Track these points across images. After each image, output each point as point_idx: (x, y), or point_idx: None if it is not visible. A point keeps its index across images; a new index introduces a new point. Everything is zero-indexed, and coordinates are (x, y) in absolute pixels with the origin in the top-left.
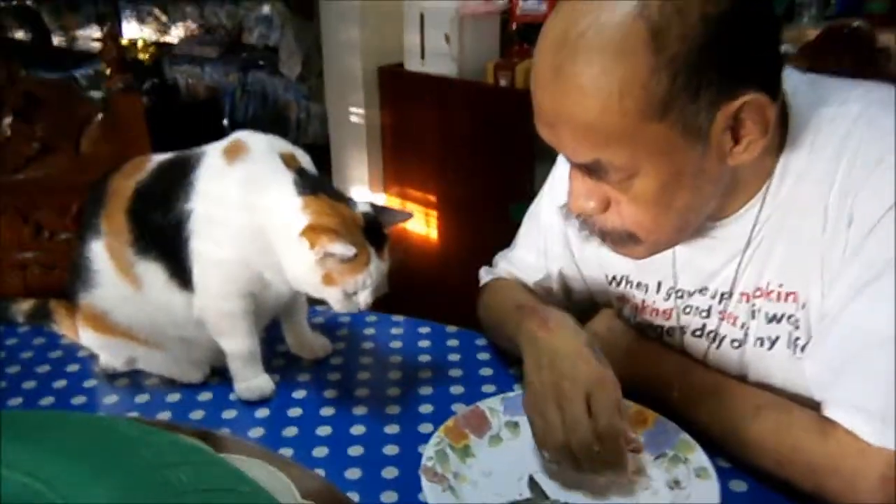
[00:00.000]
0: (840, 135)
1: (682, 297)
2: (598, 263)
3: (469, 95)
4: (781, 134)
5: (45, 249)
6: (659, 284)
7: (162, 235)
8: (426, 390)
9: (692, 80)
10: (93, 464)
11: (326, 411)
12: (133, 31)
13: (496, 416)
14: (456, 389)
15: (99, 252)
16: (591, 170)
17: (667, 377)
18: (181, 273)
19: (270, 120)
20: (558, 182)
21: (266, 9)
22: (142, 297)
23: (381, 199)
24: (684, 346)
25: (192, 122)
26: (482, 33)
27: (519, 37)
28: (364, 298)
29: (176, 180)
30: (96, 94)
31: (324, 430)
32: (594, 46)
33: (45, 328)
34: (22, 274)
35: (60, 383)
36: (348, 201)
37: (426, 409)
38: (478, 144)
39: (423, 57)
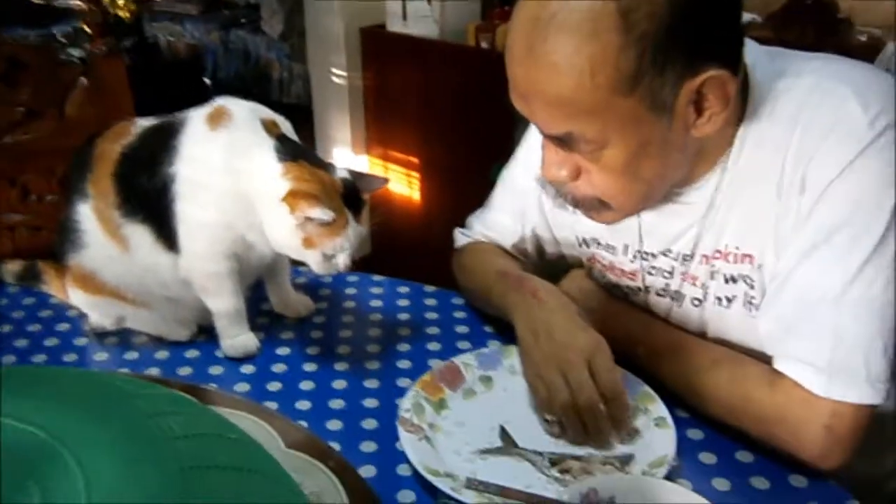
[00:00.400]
0: (795, 105)
1: (646, 258)
2: (570, 227)
3: (450, 57)
4: (742, 104)
5: (32, 212)
6: (626, 247)
7: (148, 198)
8: (404, 347)
9: (658, 57)
10: (92, 413)
11: (309, 367)
12: None
13: (470, 370)
14: (433, 346)
15: (86, 214)
16: (563, 141)
17: (632, 334)
18: (167, 235)
19: (253, 79)
20: (532, 147)
21: None
22: (129, 257)
23: (364, 160)
24: (649, 305)
25: (174, 81)
26: None
27: None
28: (343, 260)
29: (161, 145)
30: (76, 52)
31: (307, 385)
32: (566, 25)
33: (35, 288)
34: (11, 235)
35: (52, 341)
36: (328, 167)
37: (404, 364)
38: (459, 106)
39: (404, 18)
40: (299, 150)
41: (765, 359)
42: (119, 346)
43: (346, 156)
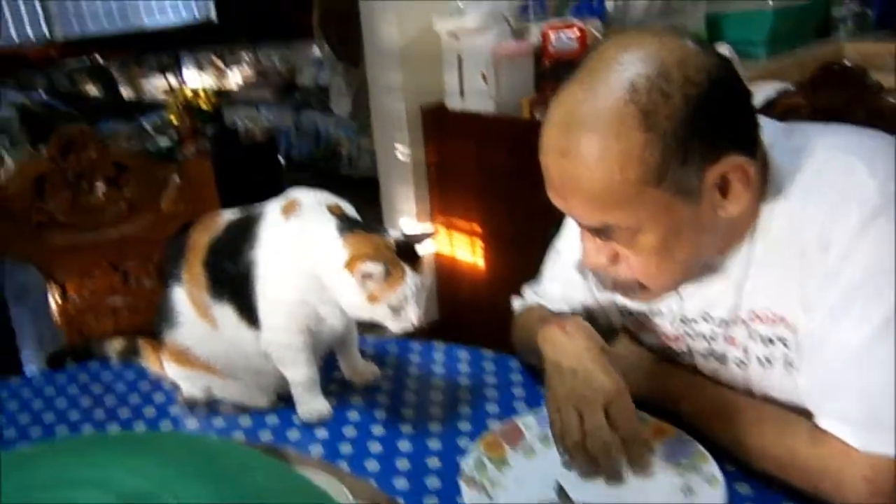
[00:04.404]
0: (811, 177)
1: (686, 323)
2: (612, 298)
3: (507, 130)
4: (765, 179)
5: (132, 294)
6: (669, 312)
7: (233, 281)
8: (465, 409)
9: (680, 150)
10: (189, 469)
11: (377, 430)
12: (193, 77)
13: (531, 430)
14: (491, 408)
15: (181, 297)
16: (600, 231)
17: (677, 392)
18: (249, 312)
19: (323, 157)
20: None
21: (317, 51)
22: (217, 334)
23: (429, 229)
24: (696, 366)
25: (252, 162)
26: (517, 71)
27: (552, 73)
28: (412, 312)
29: (243, 234)
30: (163, 140)
31: (375, 447)
32: (595, 129)
33: (134, 363)
34: (113, 316)
35: (150, 411)
36: (381, 231)
37: (465, 426)
38: (516, 175)
39: (462, 95)
40: (356, 223)
41: (807, 414)
42: (208, 414)
43: (413, 226)
